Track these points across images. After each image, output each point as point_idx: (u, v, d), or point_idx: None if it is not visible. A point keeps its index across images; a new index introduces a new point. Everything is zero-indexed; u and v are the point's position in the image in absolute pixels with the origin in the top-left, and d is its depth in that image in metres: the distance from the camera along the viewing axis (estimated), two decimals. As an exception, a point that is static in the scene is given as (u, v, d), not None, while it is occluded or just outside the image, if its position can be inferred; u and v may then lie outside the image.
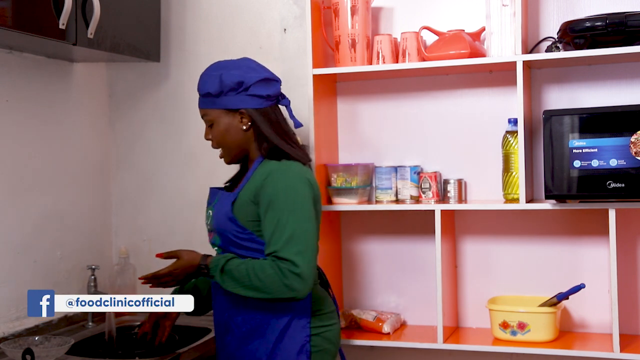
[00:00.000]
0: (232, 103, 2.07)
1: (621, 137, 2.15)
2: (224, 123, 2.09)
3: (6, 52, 2.42)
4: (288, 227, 1.96)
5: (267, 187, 2.00)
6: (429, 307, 2.55)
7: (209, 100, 2.10)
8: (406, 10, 2.63)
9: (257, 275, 1.95)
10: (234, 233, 2.05)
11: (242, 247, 2.06)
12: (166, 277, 2.06)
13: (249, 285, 1.96)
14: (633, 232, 2.40)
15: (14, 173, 2.46)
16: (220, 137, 2.11)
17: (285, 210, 1.97)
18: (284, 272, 1.93)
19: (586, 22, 2.23)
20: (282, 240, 1.95)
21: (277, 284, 1.94)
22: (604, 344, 2.30)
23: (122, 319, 2.67)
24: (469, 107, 2.57)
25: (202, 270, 2.02)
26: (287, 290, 1.94)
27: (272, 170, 2.03)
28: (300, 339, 2.06)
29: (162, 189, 2.92)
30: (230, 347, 2.11)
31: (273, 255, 1.96)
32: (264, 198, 2.00)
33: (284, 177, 2.02)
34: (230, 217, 2.04)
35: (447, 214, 2.49)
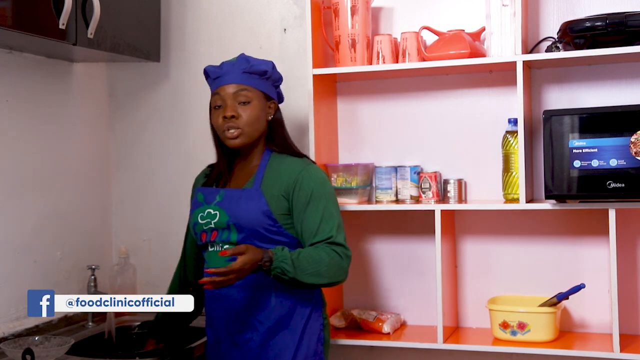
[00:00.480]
0: (272, 91, 2.21)
1: (621, 137, 2.15)
2: (261, 106, 2.17)
3: (6, 52, 2.42)
4: (334, 216, 2.10)
5: (305, 183, 2.11)
6: (429, 307, 2.55)
7: (256, 79, 2.16)
8: (406, 10, 2.63)
9: (321, 261, 2.02)
10: (265, 227, 2.10)
11: (270, 240, 2.10)
12: (234, 274, 1.91)
13: (314, 272, 2.01)
14: (633, 232, 2.40)
15: (14, 173, 2.46)
16: (253, 118, 2.14)
17: (327, 201, 2.11)
18: (342, 255, 2.06)
19: (586, 22, 2.23)
20: (334, 228, 2.08)
21: (337, 267, 2.06)
22: (604, 344, 2.30)
23: (122, 319, 2.68)
24: (469, 107, 2.57)
25: (265, 262, 1.96)
26: (342, 273, 2.08)
27: (302, 167, 2.14)
28: (317, 328, 2.16)
29: (162, 189, 2.92)
30: (251, 343, 2.12)
31: (329, 242, 2.06)
32: (302, 192, 2.10)
33: (317, 173, 2.15)
34: (265, 210, 2.09)
35: (447, 214, 2.49)
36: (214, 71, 2.19)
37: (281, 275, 1.98)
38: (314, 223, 2.08)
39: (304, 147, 2.67)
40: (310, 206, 2.09)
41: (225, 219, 2.11)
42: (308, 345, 2.13)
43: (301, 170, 2.12)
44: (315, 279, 2.02)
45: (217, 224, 2.13)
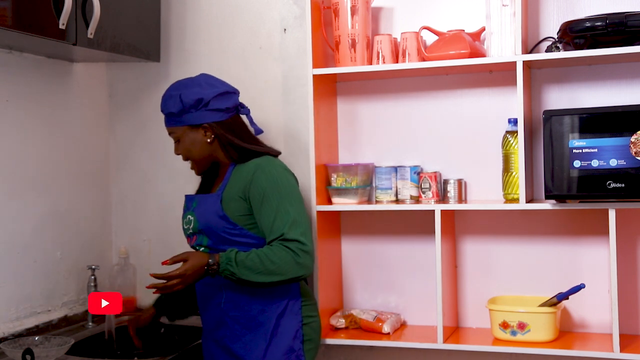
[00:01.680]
0: (194, 119, 2.20)
1: (621, 137, 2.15)
2: (190, 138, 2.22)
3: (6, 52, 2.42)
4: (290, 212, 2.10)
5: (258, 181, 2.13)
6: (429, 307, 2.55)
7: (172, 119, 2.23)
8: (406, 10, 2.63)
9: (270, 259, 2.04)
10: (225, 230, 2.15)
11: (234, 242, 2.15)
12: (176, 279, 2.01)
13: (263, 271, 2.04)
14: (633, 232, 2.40)
15: (14, 173, 2.46)
16: (187, 152, 2.25)
17: (282, 198, 2.11)
18: (296, 251, 2.06)
19: (586, 22, 2.23)
20: (287, 225, 2.08)
21: (290, 264, 2.05)
22: (604, 344, 2.30)
23: (122, 319, 2.67)
24: (469, 107, 2.57)
25: (212, 267, 2.03)
26: (299, 268, 2.07)
27: (258, 166, 2.17)
28: (294, 324, 2.18)
29: (162, 189, 2.92)
30: (225, 340, 2.18)
31: (281, 239, 2.07)
32: (256, 191, 2.13)
33: (271, 169, 2.16)
34: (221, 215, 2.15)
35: (447, 214, 2.49)
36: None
37: (230, 277, 2.04)
38: (268, 222, 2.11)
39: (304, 147, 2.68)
40: (264, 205, 2.12)
41: (197, 224, 2.20)
42: (281, 341, 2.15)
43: (255, 170, 2.15)
44: (266, 277, 2.04)
45: (194, 230, 2.22)
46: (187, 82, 2.24)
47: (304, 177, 2.67)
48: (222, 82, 2.27)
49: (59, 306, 2.62)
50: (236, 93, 2.28)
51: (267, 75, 2.77)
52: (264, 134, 2.70)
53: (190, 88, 2.20)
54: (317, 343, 2.27)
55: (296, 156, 2.72)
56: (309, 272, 2.11)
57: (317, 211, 2.50)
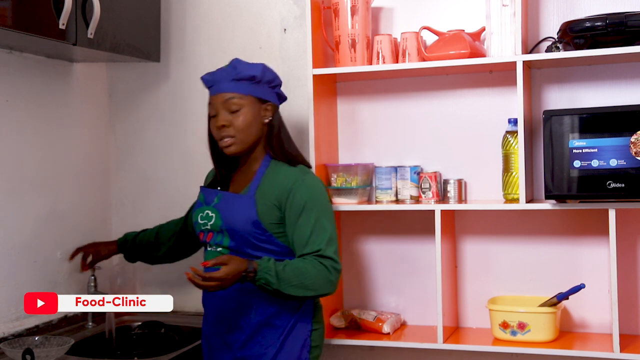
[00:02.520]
0: (266, 94, 2.17)
1: (621, 137, 2.15)
2: (253, 112, 2.14)
3: (6, 52, 2.42)
4: (326, 229, 2.09)
5: (298, 192, 2.10)
6: (429, 307, 2.55)
7: (245, 85, 2.13)
8: (406, 10, 2.63)
9: (307, 274, 2.02)
10: (254, 235, 2.10)
11: (260, 248, 2.11)
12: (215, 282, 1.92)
13: (299, 284, 2.01)
14: (633, 232, 2.40)
15: (14, 173, 2.46)
16: (244, 125, 2.13)
17: (320, 213, 2.10)
18: (329, 269, 2.05)
19: (586, 22, 2.23)
20: (324, 242, 2.06)
21: (323, 281, 2.04)
22: (604, 344, 2.30)
23: (121, 319, 2.68)
24: (469, 107, 2.57)
25: (249, 274, 1.97)
26: (329, 286, 2.07)
27: (298, 177, 2.13)
28: (304, 333, 2.15)
29: (162, 189, 2.92)
30: (238, 343, 2.14)
31: (317, 255, 2.05)
32: (295, 202, 2.09)
33: (312, 182, 2.14)
34: (255, 220, 2.10)
35: (447, 214, 2.49)
36: (208, 80, 2.20)
37: (265, 286, 2.00)
38: (304, 234, 2.07)
39: (304, 147, 2.67)
40: (302, 217, 2.08)
41: (219, 223, 2.14)
42: (291, 350, 2.13)
43: (296, 180, 2.11)
44: (299, 291, 2.02)
45: (213, 227, 2.16)
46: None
47: (304, 177, 2.67)
48: None
49: (59, 306, 2.62)
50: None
51: (267, 75, 2.77)
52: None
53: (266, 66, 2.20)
54: (321, 349, 2.24)
55: (296, 156, 2.72)
56: (334, 291, 2.10)
57: (317, 211, 2.50)
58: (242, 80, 2.13)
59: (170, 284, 2.84)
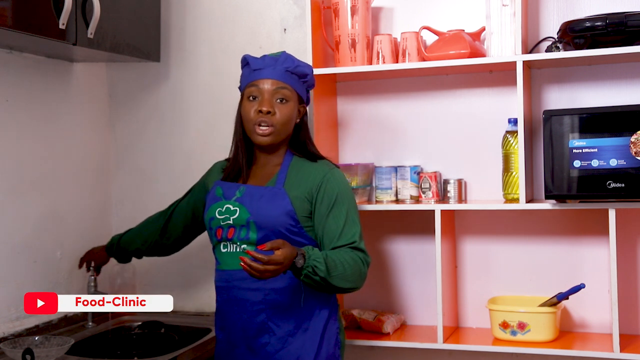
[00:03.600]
0: (305, 95, 2.19)
1: (621, 137, 2.15)
2: (294, 107, 2.15)
3: (6, 52, 2.42)
4: (357, 223, 2.09)
5: (330, 185, 2.09)
6: (429, 307, 2.55)
7: (296, 80, 2.14)
8: (406, 10, 2.63)
9: (346, 264, 1.99)
10: (287, 227, 2.06)
11: (290, 241, 2.02)
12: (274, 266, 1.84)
13: (338, 275, 1.96)
14: (633, 232, 2.40)
15: (14, 173, 2.46)
16: (287, 118, 2.12)
17: (350, 206, 2.10)
18: (364, 262, 2.05)
19: (586, 22, 2.23)
20: (357, 234, 2.07)
21: (359, 274, 2.04)
22: (604, 344, 2.30)
23: (121, 319, 2.68)
24: (469, 107, 2.57)
25: (299, 261, 1.90)
26: (361, 280, 2.05)
27: (328, 170, 2.12)
28: (334, 330, 2.15)
29: (162, 189, 2.92)
30: (268, 347, 2.08)
31: (352, 247, 2.04)
32: (327, 195, 2.08)
33: (340, 177, 2.14)
34: (289, 210, 2.06)
35: (447, 214, 2.49)
36: (256, 62, 2.13)
37: (312, 275, 1.91)
38: (337, 227, 2.05)
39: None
40: (334, 210, 2.07)
41: (246, 216, 2.06)
42: (327, 349, 2.11)
43: (326, 174, 2.10)
44: (341, 282, 1.97)
45: (236, 221, 2.08)
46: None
47: (304, 177, 2.67)
48: None
49: (59, 306, 2.62)
50: None
51: (267, 75, 2.77)
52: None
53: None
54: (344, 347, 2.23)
55: (296, 156, 2.72)
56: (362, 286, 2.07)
57: (317, 211, 2.50)
58: (295, 75, 2.13)
59: (170, 284, 2.84)
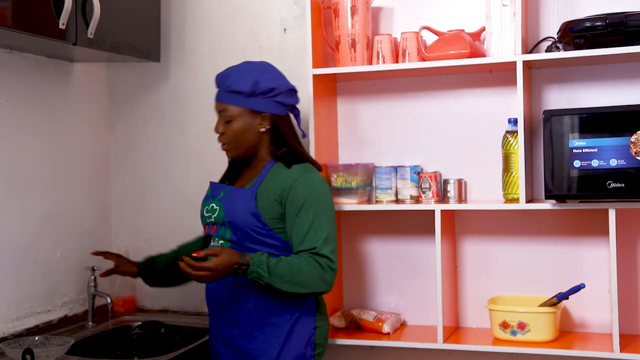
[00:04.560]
0: (260, 106, 2.16)
1: (621, 137, 2.15)
2: (244, 122, 2.16)
3: (6, 52, 2.42)
4: (324, 227, 2.08)
5: (299, 189, 2.10)
6: (429, 307, 2.55)
7: (235, 97, 2.15)
8: (406, 10, 2.63)
9: (300, 270, 2.02)
10: (254, 228, 2.11)
11: (260, 242, 2.12)
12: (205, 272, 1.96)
13: (291, 280, 2.01)
14: (633, 232, 2.40)
15: (14, 173, 2.46)
16: (236, 135, 2.17)
17: (319, 210, 2.09)
18: (324, 267, 2.04)
19: (586, 22, 2.23)
20: (321, 240, 2.06)
21: (318, 279, 2.04)
22: (604, 344, 2.30)
23: (121, 319, 2.68)
24: (469, 107, 2.57)
25: (242, 267, 1.98)
26: (324, 285, 2.06)
27: (301, 173, 2.13)
28: (308, 331, 2.15)
29: (162, 189, 2.92)
30: (236, 339, 2.15)
31: (312, 252, 2.05)
32: (295, 199, 2.09)
33: (314, 180, 2.14)
34: (254, 212, 2.11)
35: (447, 214, 2.49)
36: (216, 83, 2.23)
37: (257, 280, 2.00)
38: (301, 231, 2.08)
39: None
40: (300, 214, 2.09)
41: (222, 215, 2.16)
42: (296, 347, 2.13)
43: (297, 178, 2.12)
44: (292, 288, 2.02)
45: (216, 219, 2.18)
46: (259, 67, 2.20)
47: (304, 177, 2.67)
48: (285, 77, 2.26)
49: (59, 306, 2.62)
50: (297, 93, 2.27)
51: (267, 75, 2.77)
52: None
53: (266, 74, 2.17)
54: (325, 347, 2.24)
55: (296, 156, 2.72)
56: (330, 290, 2.09)
57: (317, 211, 2.50)
58: (230, 92, 2.16)
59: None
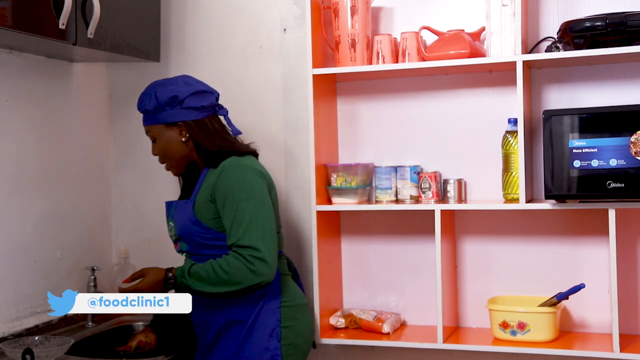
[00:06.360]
0: (170, 117, 2.19)
1: (621, 137, 2.15)
2: (165, 137, 2.21)
3: (6, 52, 2.42)
4: (246, 215, 2.06)
5: (221, 182, 2.11)
6: (429, 307, 2.55)
7: (148, 117, 2.22)
8: (406, 10, 2.63)
9: (222, 269, 2.03)
10: (200, 235, 2.15)
11: (211, 247, 2.15)
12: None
13: (217, 281, 2.03)
14: (633, 232, 2.40)
15: (14, 173, 2.46)
16: (163, 151, 2.23)
17: (241, 200, 2.08)
18: (248, 258, 2.02)
19: (586, 22, 2.23)
20: (242, 229, 2.05)
21: (243, 272, 2.02)
22: (604, 344, 2.30)
23: (122, 319, 2.68)
24: (469, 107, 2.57)
25: (169, 281, 2.07)
26: (254, 276, 2.03)
27: (224, 167, 2.15)
28: (271, 323, 2.15)
29: (162, 189, 2.92)
30: (209, 340, 2.20)
31: (235, 246, 2.05)
32: (219, 193, 2.11)
33: (236, 170, 2.13)
34: (194, 220, 2.15)
35: (447, 214, 2.49)
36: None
37: (187, 289, 2.05)
38: (227, 226, 2.10)
39: (304, 147, 2.68)
40: (225, 208, 2.10)
41: (175, 231, 2.22)
42: (257, 341, 2.14)
43: (220, 173, 2.13)
44: (223, 288, 2.04)
45: (175, 236, 2.24)
46: (164, 81, 2.25)
47: (304, 177, 2.67)
48: (200, 82, 2.26)
49: (59, 306, 2.62)
50: (214, 93, 2.26)
51: (267, 75, 2.77)
52: (265, 134, 2.70)
53: (167, 86, 2.20)
54: (302, 348, 2.22)
55: (296, 156, 2.72)
56: (269, 279, 2.06)
57: (317, 211, 2.50)
58: (144, 114, 2.23)
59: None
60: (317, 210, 2.50)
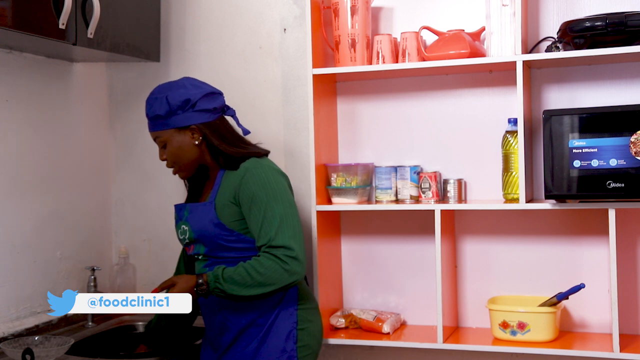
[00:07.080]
0: (182, 121, 2.15)
1: (621, 137, 2.15)
2: (177, 141, 2.17)
3: (6, 52, 2.42)
4: (276, 216, 2.06)
5: (246, 185, 2.10)
6: (429, 307, 2.55)
7: (159, 122, 2.17)
8: (406, 10, 2.63)
9: (257, 271, 2.02)
10: (222, 237, 2.13)
11: (232, 249, 2.13)
12: None
13: (252, 284, 2.02)
14: (633, 232, 2.40)
15: (14, 173, 2.46)
16: (175, 156, 2.19)
17: (269, 201, 2.07)
18: (282, 258, 2.02)
19: (586, 22, 2.23)
20: (274, 229, 2.04)
21: (278, 273, 2.02)
22: (604, 344, 2.30)
23: (122, 319, 2.68)
24: (469, 107, 2.57)
25: (201, 287, 2.03)
26: (288, 276, 2.03)
27: (247, 169, 2.12)
28: (287, 325, 2.15)
29: (162, 189, 2.92)
30: (224, 342, 2.18)
31: (267, 246, 2.04)
32: (245, 196, 2.10)
33: (260, 172, 2.12)
34: (217, 223, 2.12)
35: (447, 213, 2.49)
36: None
37: (221, 295, 2.03)
38: (256, 228, 2.08)
39: (304, 147, 2.68)
40: (252, 209, 2.09)
41: (192, 234, 2.18)
42: (274, 342, 2.13)
43: (244, 175, 2.12)
44: (256, 290, 2.03)
45: (189, 239, 2.20)
46: (170, 84, 2.20)
47: (304, 177, 2.67)
48: (205, 83, 2.24)
49: (59, 306, 2.62)
50: (221, 94, 2.24)
51: (267, 75, 2.77)
52: (265, 134, 2.70)
53: (176, 90, 2.16)
54: (314, 350, 2.22)
55: (296, 156, 2.72)
56: (300, 278, 2.07)
57: (317, 211, 2.50)
58: (153, 120, 2.18)
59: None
60: (317, 210, 2.50)
